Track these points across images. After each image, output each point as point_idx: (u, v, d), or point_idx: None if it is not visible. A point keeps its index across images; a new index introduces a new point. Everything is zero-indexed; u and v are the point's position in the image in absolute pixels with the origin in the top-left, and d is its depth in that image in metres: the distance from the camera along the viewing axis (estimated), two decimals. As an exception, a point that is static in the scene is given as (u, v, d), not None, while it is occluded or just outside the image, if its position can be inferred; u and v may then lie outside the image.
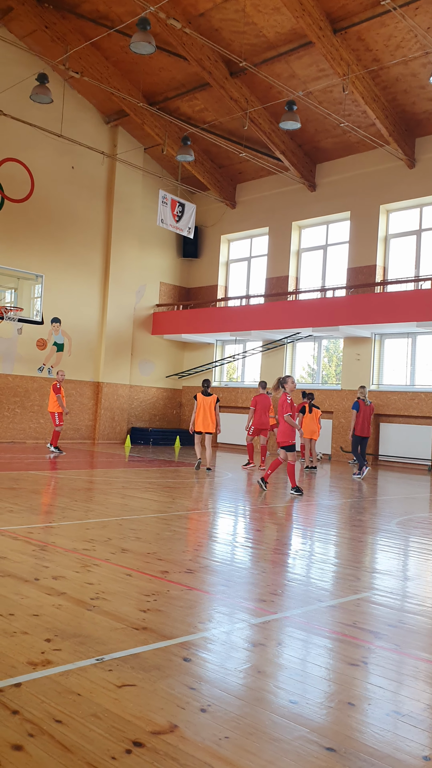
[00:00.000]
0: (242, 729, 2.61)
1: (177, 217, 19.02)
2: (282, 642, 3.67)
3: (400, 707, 2.92)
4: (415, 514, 9.06)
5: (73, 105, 19.51)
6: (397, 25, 14.35)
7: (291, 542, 6.75)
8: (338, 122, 16.81)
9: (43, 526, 6.47)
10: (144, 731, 2.54)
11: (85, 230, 20.05)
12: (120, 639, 3.50)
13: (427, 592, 5.01)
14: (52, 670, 3.04)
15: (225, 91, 17.15)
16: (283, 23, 15.35)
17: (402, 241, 18.49)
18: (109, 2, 16.14)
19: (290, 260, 20.41)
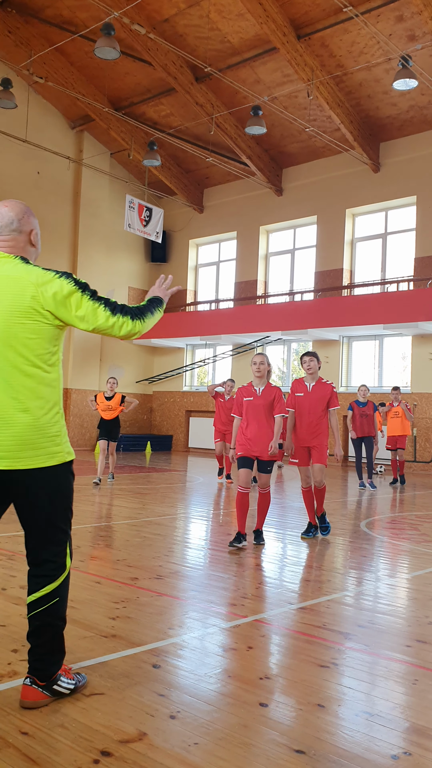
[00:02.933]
0: (212, 734, 2.59)
1: (144, 221, 18.98)
2: (253, 646, 3.66)
3: (370, 707, 2.92)
4: (383, 515, 9.13)
5: (38, 110, 19.38)
6: (360, 31, 14.52)
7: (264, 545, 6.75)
8: (303, 127, 16.95)
9: (11, 535, 6.37)
10: (112, 740, 2.51)
11: (51, 235, 19.88)
12: (88, 647, 3.45)
13: (396, 592, 5.04)
14: (19, 681, 2.99)
15: (191, 96, 17.19)
16: (248, 29, 15.44)
17: (368, 245, 18.69)
18: (72, 7, 16.07)
19: (258, 264, 20.50)
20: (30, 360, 2.68)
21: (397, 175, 17.60)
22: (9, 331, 2.66)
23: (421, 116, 16.79)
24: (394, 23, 14.20)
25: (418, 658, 3.53)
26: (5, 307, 2.66)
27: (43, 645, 2.77)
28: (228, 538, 6.90)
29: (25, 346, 2.67)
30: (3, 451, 2.65)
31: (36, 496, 2.75)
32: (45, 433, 2.71)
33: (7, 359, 2.65)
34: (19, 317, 2.66)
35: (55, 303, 2.70)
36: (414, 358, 16.97)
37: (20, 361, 2.67)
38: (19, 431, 2.66)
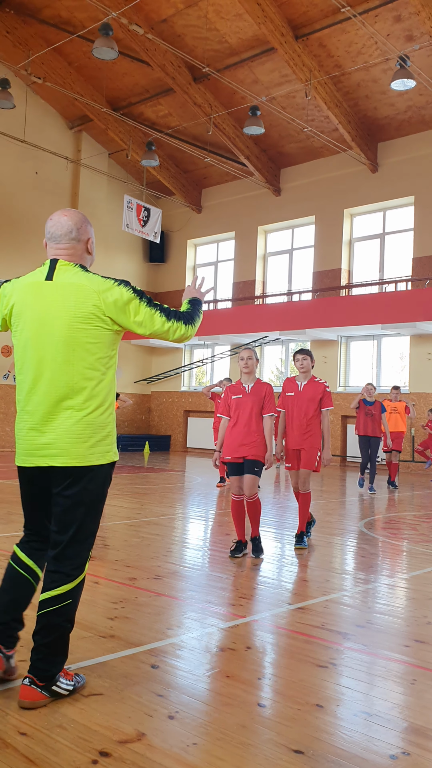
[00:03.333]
0: (210, 734, 2.59)
1: (143, 221, 18.98)
2: (250, 646, 3.66)
3: (368, 707, 2.93)
4: (382, 515, 9.14)
5: (36, 110, 19.37)
6: (358, 31, 14.53)
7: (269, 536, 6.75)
8: (301, 127, 16.96)
9: (8, 536, 6.37)
10: (111, 740, 2.51)
11: (49, 236, 19.86)
12: (87, 648, 3.45)
13: (394, 592, 5.05)
14: (18, 682, 2.99)
15: (189, 96, 17.19)
16: (246, 29, 15.45)
17: (366, 245, 18.70)
18: (71, 8, 16.07)
19: (256, 264, 20.50)
20: (90, 363, 2.83)
21: (395, 176, 17.62)
22: (72, 335, 2.80)
23: (419, 116, 16.81)
24: (392, 23, 14.21)
25: (416, 658, 3.53)
26: (69, 312, 2.80)
27: (48, 645, 2.79)
28: (227, 538, 6.91)
29: (86, 350, 2.82)
30: (58, 448, 2.79)
31: (80, 494, 2.83)
32: (98, 433, 2.85)
33: (68, 362, 2.80)
34: (82, 323, 2.81)
35: (115, 309, 2.85)
36: (412, 358, 16.98)
37: (81, 363, 2.81)
38: (76, 430, 2.79)
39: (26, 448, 2.86)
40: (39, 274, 2.90)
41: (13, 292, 2.91)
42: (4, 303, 2.94)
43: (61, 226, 2.93)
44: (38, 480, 2.91)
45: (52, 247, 2.94)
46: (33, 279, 2.90)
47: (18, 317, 2.88)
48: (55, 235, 2.94)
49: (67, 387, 2.80)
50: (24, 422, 2.87)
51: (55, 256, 2.92)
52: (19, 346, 2.89)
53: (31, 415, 2.84)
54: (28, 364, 2.85)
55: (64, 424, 2.79)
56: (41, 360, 2.82)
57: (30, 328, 2.84)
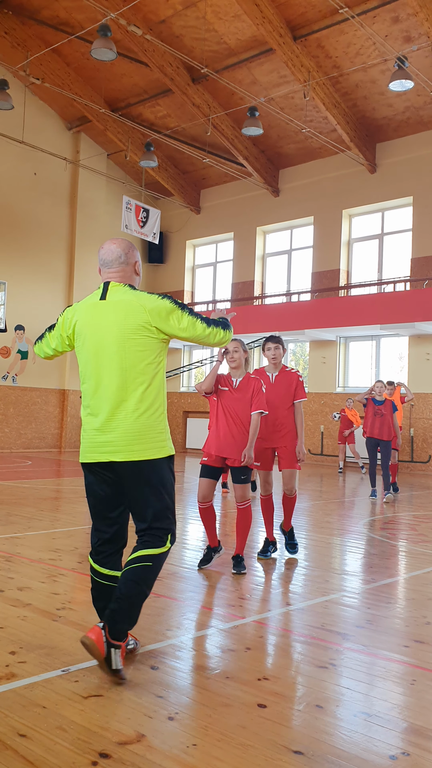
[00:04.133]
0: (210, 736, 2.59)
1: (141, 222, 18.98)
2: (250, 646, 3.66)
3: (368, 708, 2.93)
4: (381, 515, 9.14)
5: (35, 111, 19.36)
6: (356, 32, 14.55)
7: (259, 545, 6.74)
8: (300, 128, 16.97)
9: (8, 537, 6.37)
10: (110, 742, 2.51)
11: (48, 236, 19.89)
12: (86, 649, 3.45)
13: (394, 592, 5.04)
14: (17, 683, 2.99)
15: (187, 97, 17.20)
16: (244, 30, 15.46)
17: (365, 245, 18.72)
18: (69, 8, 16.07)
19: (255, 265, 20.51)
20: (140, 369, 3.20)
21: (393, 176, 17.63)
22: (124, 345, 3.18)
23: (417, 117, 16.82)
24: (390, 24, 14.22)
25: (416, 659, 3.53)
26: (121, 325, 3.19)
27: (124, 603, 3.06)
28: (227, 539, 6.90)
29: (137, 357, 3.20)
30: (118, 445, 3.15)
31: (144, 484, 3.18)
32: (152, 430, 3.19)
33: (123, 368, 3.18)
34: (132, 334, 3.19)
35: (160, 319, 3.22)
36: (411, 358, 16.99)
37: (133, 370, 3.19)
38: (132, 429, 3.16)
39: (91, 446, 3.22)
40: (95, 296, 3.32)
41: (75, 314, 3.34)
42: (68, 324, 3.36)
43: (111, 252, 3.35)
44: (103, 475, 3.24)
45: (105, 272, 3.37)
46: (90, 301, 3.32)
47: (80, 334, 3.30)
48: (107, 261, 3.36)
49: (122, 391, 3.18)
50: (89, 424, 3.25)
51: (107, 279, 3.35)
52: (83, 359, 3.30)
53: (95, 417, 3.23)
54: (91, 373, 3.25)
55: (122, 425, 3.16)
56: (100, 369, 3.22)
57: (90, 342, 3.25)
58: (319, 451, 18.12)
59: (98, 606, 3.31)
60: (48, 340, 3.49)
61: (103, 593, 3.29)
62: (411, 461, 16.59)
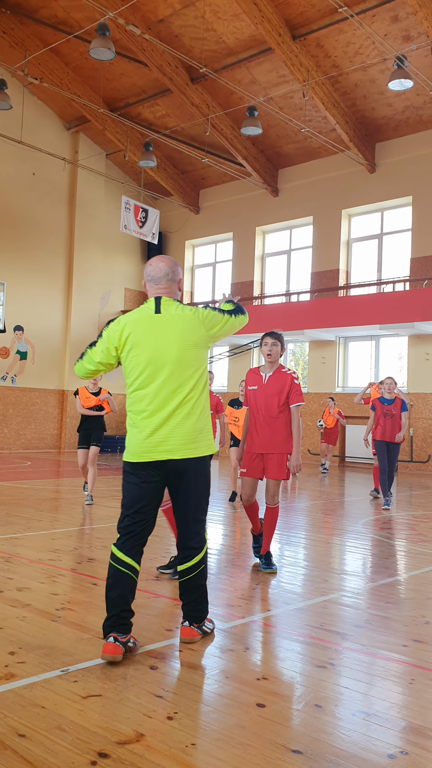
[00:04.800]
0: (209, 735, 2.59)
1: (140, 222, 18.97)
2: (249, 646, 3.66)
3: (367, 707, 2.93)
4: (380, 515, 9.14)
5: (33, 111, 19.36)
6: (355, 32, 14.55)
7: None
8: (299, 128, 16.97)
9: (8, 537, 6.37)
10: (110, 742, 2.51)
11: (47, 237, 19.88)
12: (86, 649, 3.45)
13: (393, 592, 5.04)
14: (16, 684, 2.99)
15: (186, 97, 17.19)
16: (243, 30, 15.45)
17: (364, 245, 18.72)
18: (67, 8, 16.07)
19: (255, 265, 20.51)
20: (194, 378, 3.55)
21: (392, 176, 17.63)
22: (182, 356, 3.51)
23: (417, 117, 16.82)
24: (389, 24, 14.22)
25: (414, 658, 3.54)
26: (181, 338, 3.51)
27: (195, 600, 3.62)
28: (226, 540, 6.91)
29: (193, 367, 3.54)
30: (178, 444, 3.47)
31: (194, 479, 3.55)
32: (202, 431, 3.56)
33: (181, 377, 3.50)
34: (192, 346, 3.54)
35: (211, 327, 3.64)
36: (410, 358, 17.00)
37: (189, 378, 3.53)
38: (188, 430, 3.50)
39: (148, 447, 3.48)
40: (147, 310, 3.56)
41: (125, 327, 3.54)
42: (117, 336, 3.55)
43: (160, 270, 3.62)
44: (150, 474, 3.50)
45: (153, 287, 3.64)
46: (143, 314, 3.55)
47: (136, 345, 3.51)
48: (155, 278, 3.62)
49: (178, 397, 3.49)
50: (146, 427, 3.48)
51: (156, 294, 3.62)
52: (137, 368, 3.51)
53: (151, 420, 3.48)
54: (146, 381, 3.50)
55: (180, 427, 3.48)
56: (158, 378, 3.48)
57: (147, 352, 3.49)
58: (318, 450, 18.11)
59: (114, 594, 3.40)
60: (91, 356, 3.65)
61: (120, 581, 3.42)
62: (410, 461, 16.60)
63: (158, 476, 3.52)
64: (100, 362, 3.62)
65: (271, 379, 5.37)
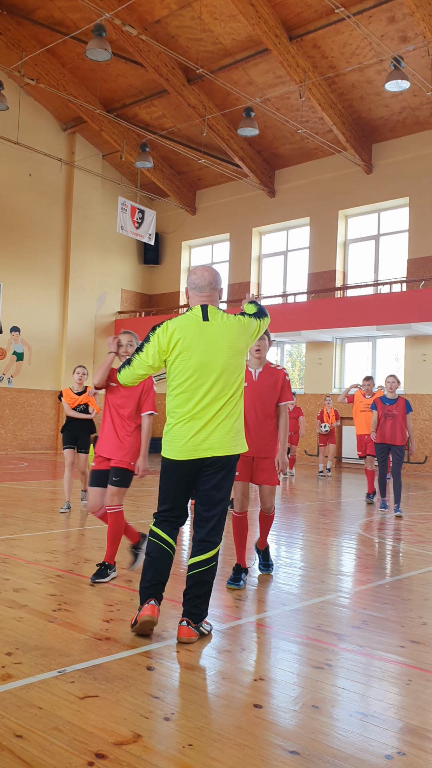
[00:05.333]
0: (206, 736, 2.59)
1: (137, 223, 18.97)
2: (246, 647, 3.66)
3: (364, 708, 2.93)
4: (377, 516, 9.14)
5: (30, 112, 19.34)
6: (352, 33, 14.56)
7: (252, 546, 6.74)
8: (296, 129, 16.98)
9: (4, 538, 6.35)
10: (107, 742, 2.50)
11: (43, 238, 19.86)
12: (83, 650, 3.45)
13: (390, 593, 5.05)
14: (13, 684, 2.99)
15: (183, 97, 17.19)
16: (240, 30, 15.46)
17: (360, 246, 18.74)
18: (64, 8, 16.06)
19: (251, 266, 20.51)
20: (237, 382, 3.79)
21: (389, 177, 17.65)
22: (229, 362, 3.74)
23: (414, 117, 16.85)
24: (386, 24, 14.24)
25: (411, 659, 3.54)
26: (227, 346, 3.74)
27: (199, 596, 3.71)
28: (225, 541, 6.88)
29: (236, 372, 3.78)
30: (219, 443, 3.71)
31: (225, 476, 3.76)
32: (239, 433, 3.81)
33: (227, 382, 3.74)
34: (237, 353, 3.78)
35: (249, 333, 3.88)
36: (407, 359, 17.01)
37: (233, 385, 3.77)
38: (228, 429, 3.74)
39: (191, 446, 3.70)
40: (195, 317, 3.76)
41: (174, 332, 3.73)
42: (166, 340, 3.73)
43: (204, 279, 3.84)
44: (193, 471, 3.74)
45: (196, 295, 3.85)
46: (191, 320, 3.76)
47: (185, 350, 3.71)
48: (199, 286, 3.84)
49: (222, 401, 3.73)
50: (191, 428, 3.70)
51: (200, 302, 3.83)
52: (186, 372, 3.72)
53: (197, 421, 3.70)
54: (193, 384, 3.70)
55: (221, 428, 3.72)
56: (204, 381, 3.70)
57: (196, 357, 3.70)
58: (316, 452, 18.11)
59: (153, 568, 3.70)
60: (140, 361, 3.82)
61: (160, 556, 3.73)
62: (407, 462, 16.61)
63: (195, 472, 3.77)
64: (151, 365, 3.81)
65: (261, 375, 5.04)
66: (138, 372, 3.84)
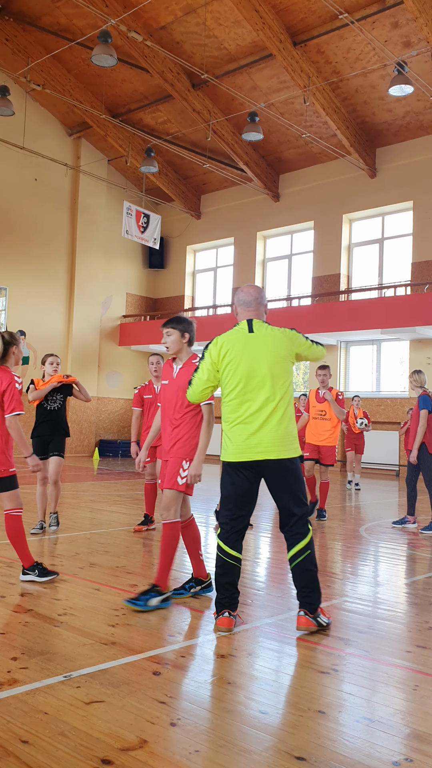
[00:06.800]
0: (213, 741, 2.58)
1: (142, 228, 19.01)
2: (252, 652, 3.66)
3: (370, 713, 2.92)
4: (383, 520, 9.12)
5: (36, 117, 19.42)
6: (356, 38, 14.59)
7: (260, 551, 6.74)
8: (300, 133, 17.00)
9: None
10: (113, 748, 2.50)
11: (49, 242, 19.91)
12: (88, 655, 3.45)
13: (396, 597, 5.03)
14: (19, 689, 2.99)
15: (187, 103, 17.24)
16: (244, 36, 15.50)
17: (365, 250, 18.73)
18: (70, 15, 16.13)
19: (255, 270, 20.52)
20: (283, 388, 4.03)
21: (393, 181, 17.65)
22: (273, 369, 4.00)
23: (417, 122, 16.85)
24: (389, 30, 14.26)
25: (418, 664, 3.53)
26: (271, 354, 4.02)
27: (307, 585, 3.95)
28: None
29: (282, 378, 4.04)
30: (271, 446, 3.93)
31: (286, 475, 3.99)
32: (290, 435, 4.02)
33: (275, 389, 3.99)
34: (281, 361, 4.05)
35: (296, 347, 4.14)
36: (412, 362, 16.98)
37: (279, 389, 4.00)
38: (280, 434, 3.96)
39: (244, 448, 3.95)
40: (241, 330, 4.09)
41: (223, 345, 4.05)
42: (216, 354, 4.06)
43: (250, 295, 4.19)
44: (247, 473, 3.98)
45: (244, 310, 4.18)
46: (238, 334, 4.08)
47: (233, 361, 4.01)
48: (246, 302, 4.18)
49: (271, 405, 3.97)
50: (243, 431, 3.97)
51: (247, 317, 4.15)
52: (234, 380, 4.00)
53: (248, 425, 3.96)
54: (242, 391, 3.98)
55: (272, 432, 3.95)
56: (252, 389, 3.98)
57: (243, 367, 3.99)
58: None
59: (224, 581, 3.99)
60: (199, 380, 4.14)
61: (228, 570, 3.98)
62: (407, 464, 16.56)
63: (254, 475, 4.00)
64: (208, 380, 4.12)
65: (181, 372, 4.55)
66: (197, 390, 4.17)
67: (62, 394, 7.23)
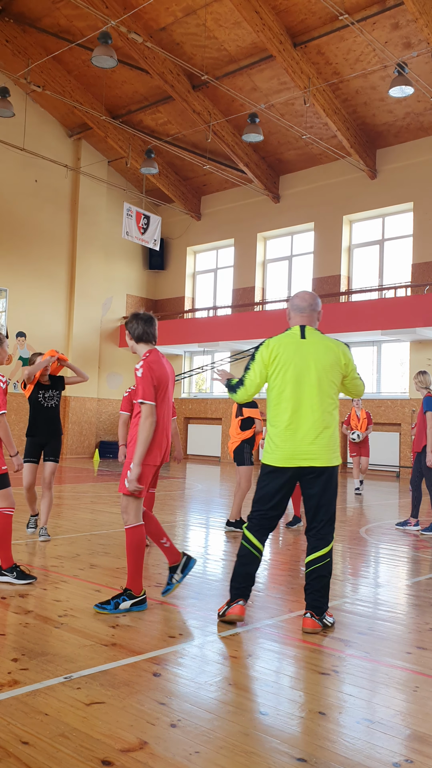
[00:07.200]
0: (213, 743, 2.58)
1: (142, 229, 19.02)
2: (253, 653, 3.66)
3: (370, 715, 2.92)
4: (383, 521, 9.12)
5: (36, 118, 19.43)
6: (356, 39, 14.60)
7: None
8: (300, 134, 17.02)
9: (10, 544, 6.35)
10: (113, 749, 2.50)
11: (49, 243, 19.92)
12: (89, 656, 3.45)
13: (396, 599, 5.03)
14: (19, 690, 2.99)
15: (188, 104, 17.25)
16: (244, 37, 15.52)
17: (365, 251, 18.74)
18: (70, 16, 16.15)
19: (256, 271, 20.53)
20: (331, 396, 4.07)
21: (393, 182, 17.66)
22: (320, 377, 4.03)
23: (418, 123, 16.86)
24: (389, 31, 14.27)
25: (418, 665, 3.53)
26: (322, 363, 4.04)
27: (319, 590, 4.04)
28: (228, 545, 6.89)
29: (330, 387, 4.07)
30: (317, 454, 4.01)
31: (327, 483, 4.05)
32: (335, 443, 4.09)
33: (322, 395, 4.03)
34: (329, 371, 4.06)
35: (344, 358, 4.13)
36: (412, 364, 16.99)
37: (326, 398, 4.05)
38: (326, 442, 4.03)
39: (291, 454, 4.01)
40: (293, 336, 4.12)
41: (274, 348, 4.08)
42: (268, 356, 4.08)
43: (305, 301, 4.20)
44: (293, 478, 4.06)
45: (297, 316, 4.20)
46: (290, 338, 4.11)
47: (283, 365, 4.04)
48: (300, 307, 4.20)
49: (319, 411, 4.02)
50: (290, 437, 4.01)
51: (300, 322, 4.17)
52: (282, 384, 4.04)
53: (295, 432, 4.01)
54: (289, 396, 4.02)
55: (319, 439, 4.00)
56: (301, 394, 4.02)
57: (292, 372, 4.02)
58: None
59: (243, 570, 4.09)
60: (251, 380, 4.16)
61: (250, 560, 4.09)
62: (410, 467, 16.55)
63: (293, 479, 4.08)
64: (259, 384, 4.17)
65: None
66: (251, 391, 4.21)
67: (57, 390, 6.89)
